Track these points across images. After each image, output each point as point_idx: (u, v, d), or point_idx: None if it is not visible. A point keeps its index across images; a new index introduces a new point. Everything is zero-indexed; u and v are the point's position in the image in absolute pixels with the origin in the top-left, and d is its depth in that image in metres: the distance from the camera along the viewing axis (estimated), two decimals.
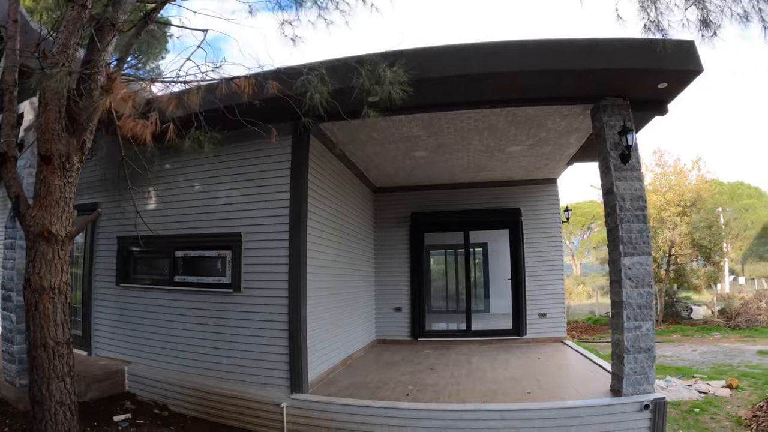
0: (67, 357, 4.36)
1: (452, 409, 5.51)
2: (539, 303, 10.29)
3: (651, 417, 5.30)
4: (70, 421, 4.26)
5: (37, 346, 4.24)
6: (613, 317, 5.84)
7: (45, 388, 4.21)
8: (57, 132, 4.41)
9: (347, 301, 8.46)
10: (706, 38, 4.72)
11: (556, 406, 5.47)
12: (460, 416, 5.44)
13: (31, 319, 4.28)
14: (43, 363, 4.23)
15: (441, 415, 5.46)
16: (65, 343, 4.36)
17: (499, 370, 7.62)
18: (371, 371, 7.57)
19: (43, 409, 4.18)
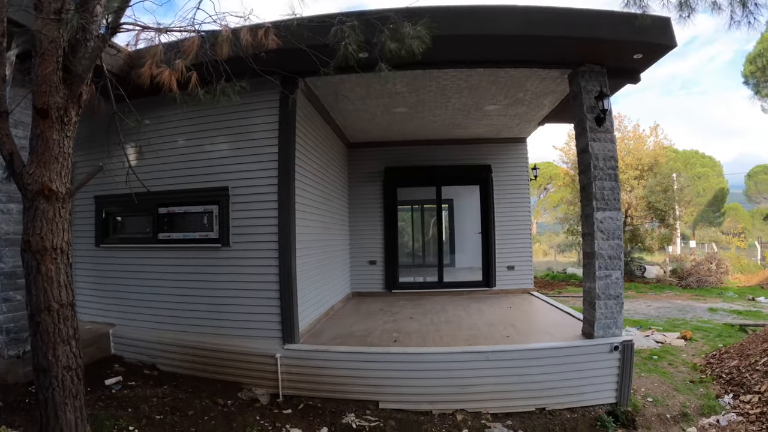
0: (71, 319, 4.22)
1: (441, 352, 5.92)
2: (508, 256, 10.87)
3: (620, 357, 5.83)
4: (77, 386, 4.13)
5: (40, 310, 4.04)
6: (585, 267, 6.30)
7: (51, 354, 4.03)
8: (54, 84, 4.22)
9: (328, 255, 8.71)
10: (682, 17, 5.05)
11: (535, 347, 5.98)
12: (448, 358, 5.86)
13: (32, 282, 4.08)
14: (48, 327, 4.05)
15: (431, 358, 5.87)
16: (69, 305, 4.21)
17: (475, 317, 8.09)
18: (354, 321, 7.92)
19: (50, 375, 4.01)
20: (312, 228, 7.53)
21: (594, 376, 5.89)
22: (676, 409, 6.10)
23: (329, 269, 8.74)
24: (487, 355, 5.82)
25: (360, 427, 5.50)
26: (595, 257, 6.02)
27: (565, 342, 6.10)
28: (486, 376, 5.83)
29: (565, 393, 5.86)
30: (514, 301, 9.69)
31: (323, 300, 8.15)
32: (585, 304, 6.34)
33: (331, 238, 9.07)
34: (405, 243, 13.91)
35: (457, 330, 7.09)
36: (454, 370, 5.84)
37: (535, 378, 5.83)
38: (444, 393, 5.83)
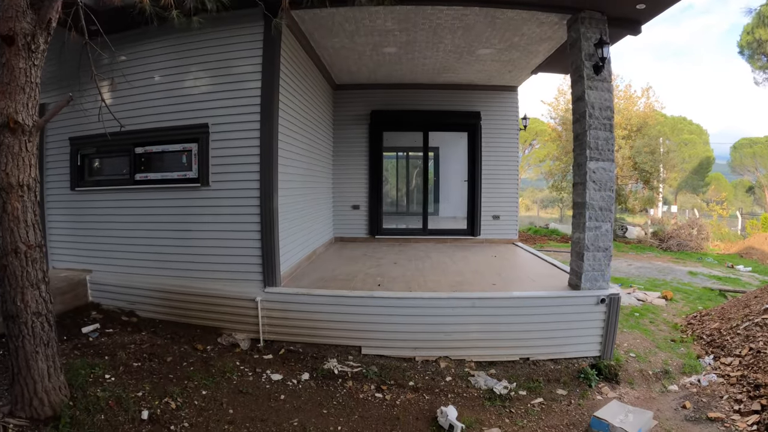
0: (40, 262, 3.99)
1: (426, 297, 5.78)
2: (494, 205, 10.77)
3: (606, 310, 5.76)
4: (48, 333, 3.96)
5: (7, 252, 3.83)
6: (575, 217, 6.15)
7: (20, 299, 3.85)
8: (21, 8, 3.86)
9: (311, 197, 8.48)
10: None
11: (522, 295, 5.88)
12: (434, 304, 5.73)
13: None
14: (15, 271, 3.84)
15: (416, 303, 5.73)
16: (37, 246, 3.97)
17: (460, 264, 7.99)
18: (337, 265, 7.75)
19: (19, 322, 3.84)
20: (295, 168, 7.25)
21: (579, 328, 5.82)
22: (658, 366, 6.10)
23: (312, 212, 8.52)
24: (474, 302, 5.70)
25: (342, 373, 5.39)
26: (585, 207, 5.86)
27: (553, 292, 6.00)
28: (471, 324, 5.73)
29: (549, 344, 5.80)
30: (498, 251, 9.61)
31: (306, 243, 7.95)
32: (573, 255, 6.22)
33: (315, 180, 8.81)
34: (390, 190, 13.72)
35: (442, 276, 6.97)
36: (439, 317, 5.73)
37: (520, 327, 5.75)
38: (428, 339, 5.73)
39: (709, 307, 8.59)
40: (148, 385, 4.61)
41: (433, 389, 5.23)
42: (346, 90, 10.62)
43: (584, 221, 5.87)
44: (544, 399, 5.19)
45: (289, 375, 5.34)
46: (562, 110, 21.14)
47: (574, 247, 6.19)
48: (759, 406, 5.04)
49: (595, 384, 5.52)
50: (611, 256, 5.96)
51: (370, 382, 5.27)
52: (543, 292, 5.98)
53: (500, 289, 6.26)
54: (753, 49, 17.38)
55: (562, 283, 6.44)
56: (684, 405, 5.23)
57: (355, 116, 10.67)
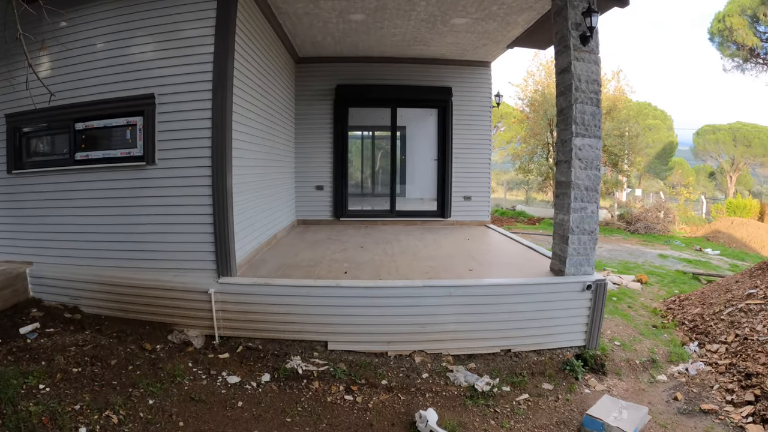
0: None
1: (398, 286, 5.23)
2: (465, 186, 10.29)
3: (591, 297, 5.34)
4: None
5: None
6: (559, 197, 5.70)
7: None
8: None
9: (271, 177, 7.84)
10: None
11: (503, 282, 5.40)
12: (406, 293, 5.19)
13: None
14: None
15: (387, 293, 5.19)
16: None
17: (431, 248, 7.50)
18: (300, 250, 7.16)
19: None
20: (252, 145, 6.58)
21: (564, 316, 5.40)
22: (644, 355, 5.77)
23: (272, 193, 7.88)
24: (450, 290, 5.18)
25: (307, 373, 4.84)
26: (570, 187, 5.41)
27: (535, 279, 5.55)
28: (448, 314, 5.22)
29: (532, 334, 5.37)
30: (471, 233, 9.15)
31: (265, 227, 7.32)
32: (555, 238, 5.79)
33: (275, 159, 8.17)
34: (356, 171, 13.12)
35: (413, 261, 6.45)
36: (412, 307, 5.20)
37: (501, 317, 5.28)
38: (401, 332, 5.21)
39: (685, 291, 8.40)
40: (88, 395, 4.00)
41: (408, 388, 4.72)
42: (310, 63, 9.89)
43: (569, 202, 5.42)
44: (529, 395, 4.75)
45: (247, 377, 4.76)
46: (530, 92, 20.83)
47: (557, 229, 5.75)
48: (752, 397, 4.82)
49: (582, 376, 5.13)
50: (597, 240, 5.55)
51: (338, 383, 4.73)
52: (525, 279, 5.52)
53: (478, 275, 5.78)
54: (723, 37, 17.47)
55: (542, 268, 6.01)
56: (675, 396, 4.92)
57: (319, 91, 9.97)
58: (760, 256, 14.15)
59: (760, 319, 6.16)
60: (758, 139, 30.92)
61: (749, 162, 31.82)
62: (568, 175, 5.44)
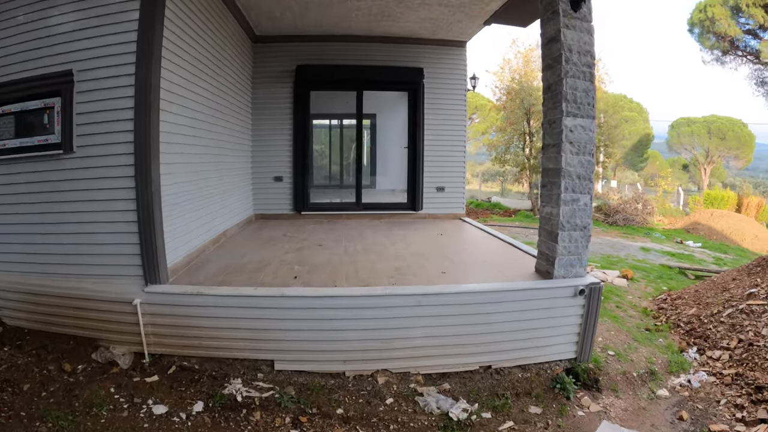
0: None
1: (356, 295, 4.38)
2: (438, 176, 9.45)
3: (585, 303, 4.61)
4: None
5: None
6: (546, 188, 4.94)
7: None
8: None
9: (219, 168, 6.94)
10: None
11: (482, 288, 4.56)
12: (366, 303, 4.36)
13: None
14: None
15: (343, 303, 4.35)
16: None
17: (399, 245, 6.69)
18: (249, 250, 6.29)
19: None
20: (190, 129, 5.65)
21: (552, 326, 4.64)
22: (642, 365, 5.09)
23: (221, 185, 6.97)
24: (419, 299, 4.36)
25: (248, 400, 4.02)
26: (560, 176, 4.64)
27: (521, 283, 4.75)
28: (417, 327, 4.41)
29: (516, 347, 4.61)
30: (444, 228, 8.35)
31: (211, 223, 6.43)
32: (542, 234, 5.03)
33: (225, 146, 7.24)
34: (320, 160, 12.16)
35: (377, 262, 5.62)
36: (374, 319, 4.37)
37: (480, 329, 4.49)
38: (361, 349, 4.39)
39: (674, 288, 7.88)
40: None
41: (369, 418, 3.91)
42: (268, 42, 8.93)
43: (558, 192, 4.65)
44: (515, 422, 4.00)
45: (176, 405, 3.91)
46: (507, 80, 20.09)
47: (543, 224, 4.99)
48: (765, 413, 4.19)
49: (574, 394, 4.42)
50: (590, 237, 4.81)
51: (284, 413, 3.90)
52: (508, 284, 4.71)
53: (452, 278, 4.98)
54: (704, 27, 17.07)
55: (526, 269, 5.26)
56: (680, 416, 4.32)
57: (278, 73, 8.99)
58: (741, 249, 13.99)
59: (765, 321, 5.57)
60: (732, 132, 31.34)
61: (723, 155, 32.29)
62: (557, 162, 4.67)
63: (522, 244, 6.54)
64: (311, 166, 9.37)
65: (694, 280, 8.76)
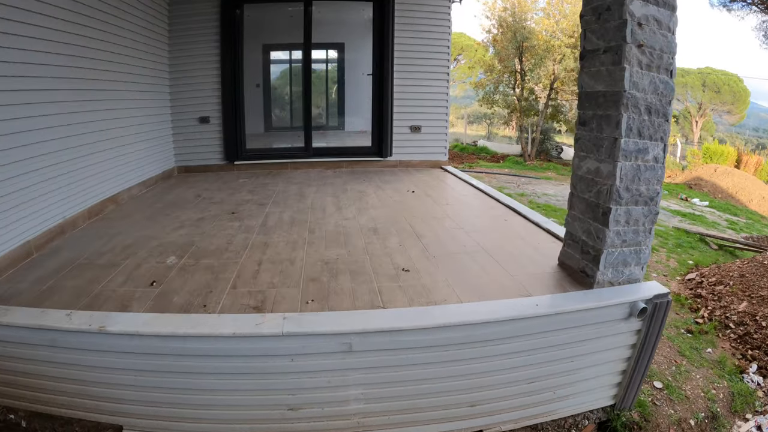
0: None
1: (227, 336, 2.31)
2: (412, 112, 7.32)
3: (642, 328, 2.69)
4: None
5: None
6: (586, 126, 2.88)
7: None
8: None
9: (108, 108, 4.89)
10: None
11: (472, 319, 2.44)
12: (251, 348, 2.36)
13: None
14: None
15: (202, 347, 2.35)
16: None
17: (349, 211, 4.73)
18: (131, 224, 4.27)
19: None
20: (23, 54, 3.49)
21: (584, 366, 2.76)
22: (700, 404, 3.39)
23: (110, 133, 4.89)
24: (349, 344, 2.38)
25: None
26: (619, 104, 2.58)
27: (541, 302, 2.66)
28: (351, 385, 2.48)
29: (524, 403, 2.75)
30: (420, 181, 6.35)
31: (84, 188, 4.39)
32: (576, 206, 3.04)
33: (117, 79, 5.08)
34: (262, 99, 9.91)
35: (301, 249, 3.62)
36: (268, 375, 2.42)
37: (466, 382, 2.59)
38: (251, 420, 2.50)
39: (701, 263, 6.42)
40: None
41: None
42: None
43: (614, 136, 2.63)
44: None
45: None
46: (499, 10, 17.64)
47: (579, 190, 2.99)
48: None
49: None
50: (657, 213, 2.81)
51: None
52: (516, 307, 2.57)
53: (419, 281, 3.00)
54: None
55: (543, 259, 3.33)
56: None
57: None
58: (750, 211, 12.60)
59: None
60: (728, 86, 29.94)
61: (716, 108, 30.96)
62: (613, 80, 2.61)
63: (535, 214, 4.53)
64: (242, 103, 7.02)
65: (717, 251, 7.27)
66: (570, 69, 16.53)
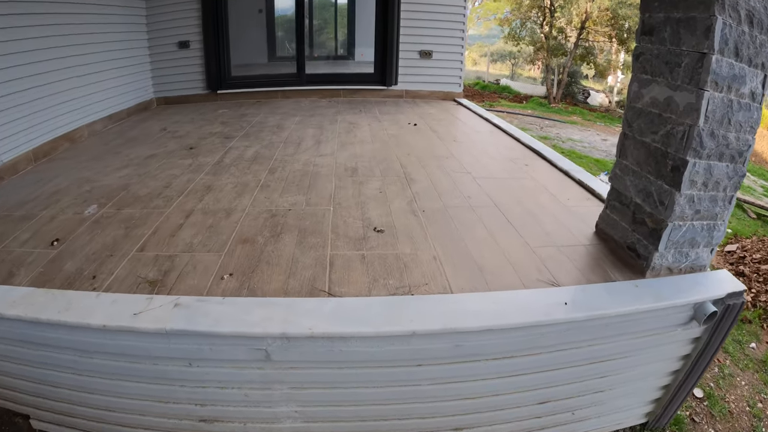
0: None
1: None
2: (422, 34, 6.29)
3: (704, 335, 1.95)
4: None
5: None
6: (653, 34, 1.97)
7: None
8: None
9: (62, 33, 4.17)
10: None
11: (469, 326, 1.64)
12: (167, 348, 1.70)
13: None
14: None
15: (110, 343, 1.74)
16: None
17: (330, 144, 4.05)
18: (75, 165, 3.57)
19: None
20: None
21: (618, 384, 2.02)
22: (743, 423, 2.70)
23: (56, 60, 4.09)
24: (267, 352, 1.60)
25: None
26: (714, 12, 1.68)
27: (571, 304, 1.78)
28: (282, 402, 1.78)
29: (533, 427, 2.05)
30: (426, 113, 5.47)
31: (21, 127, 3.65)
32: (628, 154, 2.16)
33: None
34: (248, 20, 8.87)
35: (251, 192, 2.89)
36: (172, 382, 1.75)
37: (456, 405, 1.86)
38: (171, 428, 1.88)
39: (740, 232, 5.63)
40: None
41: None
42: None
43: (705, 49, 1.71)
44: None
45: None
46: None
47: (636, 124, 2.11)
48: None
49: None
50: (743, 177, 1.93)
51: None
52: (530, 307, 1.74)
53: (384, 259, 2.14)
54: None
55: (571, 219, 2.56)
56: None
57: None
58: None
59: None
60: None
61: None
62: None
63: (563, 159, 3.65)
64: (226, 26, 6.02)
65: (756, 220, 6.46)
66: (604, 8, 15.01)
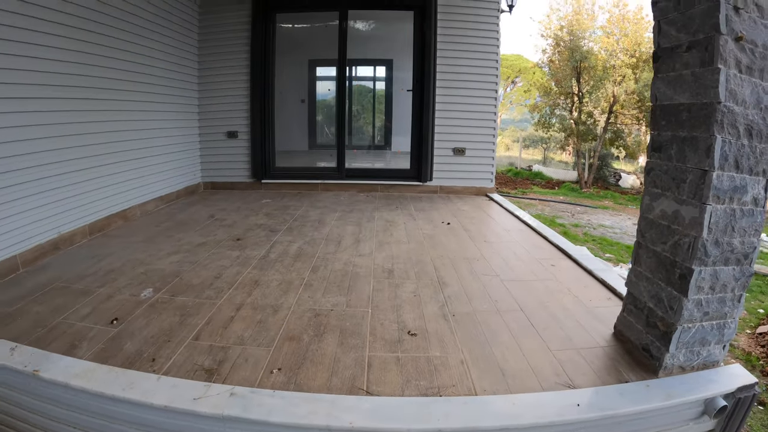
0: None
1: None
2: (456, 132, 6.61)
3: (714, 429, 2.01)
4: None
5: None
6: (661, 151, 2.15)
7: None
8: None
9: (123, 119, 4.68)
10: None
11: (486, 426, 1.75)
12: None
13: None
14: None
15: None
16: None
17: (369, 244, 4.15)
18: (128, 245, 3.92)
19: None
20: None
21: None
22: None
23: (114, 144, 4.54)
24: None
25: None
26: (710, 122, 1.86)
27: (582, 405, 1.86)
28: None
29: None
30: (459, 210, 5.68)
31: (80, 202, 4.05)
32: (642, 262, 2.30)
33: (129, 88, 4.76)
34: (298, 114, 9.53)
35: (296, 290, 3.04)
36: None
37: None
38: None
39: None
40: None
41: None
42: None
43: (702, 167, 1.91)
44: None
45: None
46: (555, 29, 16.77)
47: (648, 240, 2.26)
48: None
49: None
50: (751, 276, 2.04)
51: None
52: (543, 406, 1.85)
53: (417, 362, 2.26)
54: None
55: (592, 321, 2.66)
56: None
57: None
58: None
59: None
60: None
61: None
62: (701, 85, 1.90)
63: (588, 258, 3.78)
64: (272, 118, 6.59)
65: None
66: (630, 91, 15.44)
